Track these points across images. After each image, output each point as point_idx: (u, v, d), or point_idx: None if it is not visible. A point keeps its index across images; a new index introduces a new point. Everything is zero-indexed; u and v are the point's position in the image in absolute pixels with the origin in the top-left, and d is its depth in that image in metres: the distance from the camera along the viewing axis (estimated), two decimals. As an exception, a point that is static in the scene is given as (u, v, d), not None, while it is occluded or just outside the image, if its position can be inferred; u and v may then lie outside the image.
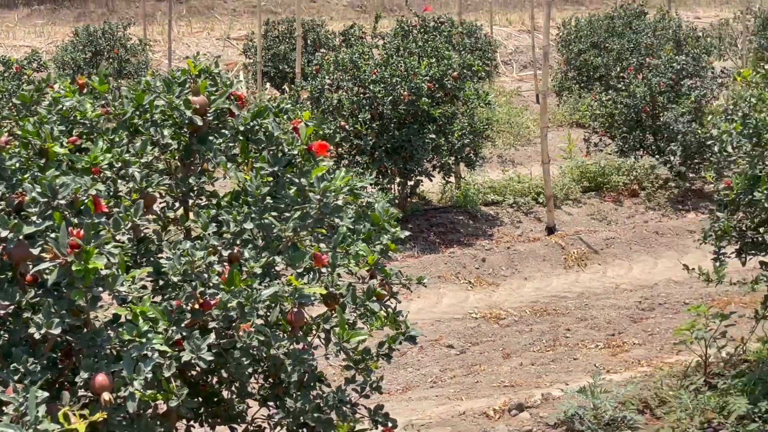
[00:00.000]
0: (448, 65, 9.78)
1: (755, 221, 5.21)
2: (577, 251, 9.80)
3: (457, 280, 9.05)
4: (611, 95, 11.81)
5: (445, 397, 6.36)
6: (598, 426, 5.27)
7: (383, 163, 9.61)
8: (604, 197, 11.45)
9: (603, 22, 16.40)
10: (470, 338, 7.65)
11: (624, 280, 9.16)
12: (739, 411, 5.07)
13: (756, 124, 5.15)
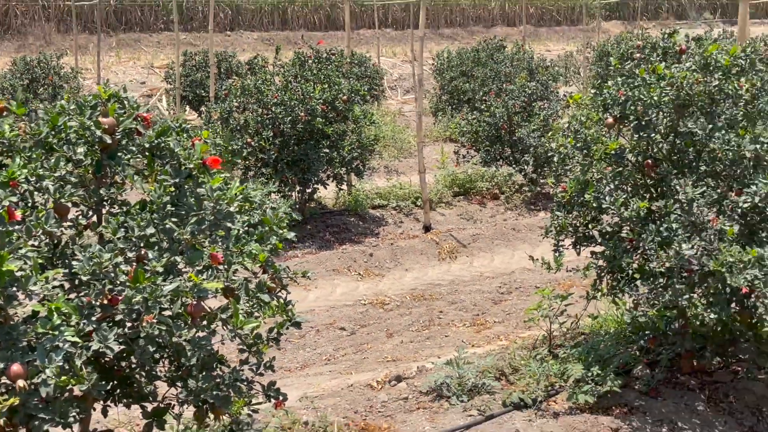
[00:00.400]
0: (338, 90, 9.82)
1: (586, 219, 5.35)
2: (449, 246, 9.90)
3: (348, 272, 9.05)
4: (476, 115, 12.00)
5: (338, 372, 6.37)
6: (462, 392, 5.34)
7: (285, 173, 9.60)
8: (471, 200, 11.62)
9: (470, 54, 16.72)
10: (359, 321, 7.67)
11: (487, 269, 9.29)
12: (575, 375, 5.20)
13: (585, 139, 5.27)
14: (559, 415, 5.02)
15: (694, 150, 5.07)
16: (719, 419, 5.06)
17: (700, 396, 5.24)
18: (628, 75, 5.26)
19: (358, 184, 11.19)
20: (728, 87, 5.05)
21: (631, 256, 4.94)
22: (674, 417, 5.01)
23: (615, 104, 5.18)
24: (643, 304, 5.14)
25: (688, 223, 4.66)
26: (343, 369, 6.46)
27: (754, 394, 5.29)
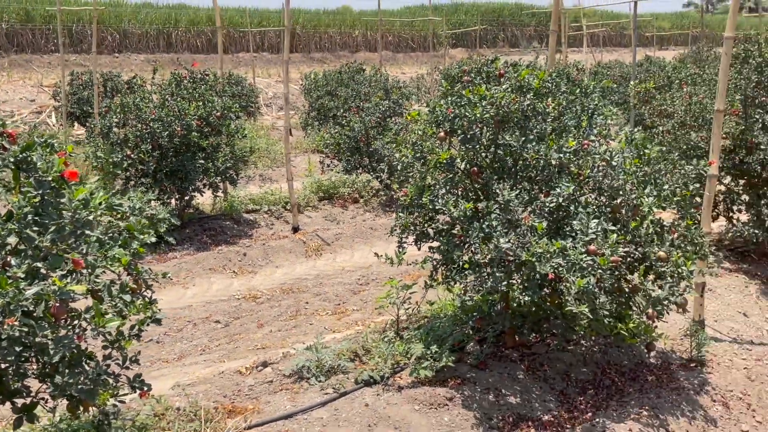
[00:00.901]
0: (212, 107, 9.68)
1: (425, 219, 5.44)
2: (315, 244, 9.91)
3: (224, 270, 8.93)
4: (338, 129, 12.06)
5: (211, 361, 6.26)
6: (320, 373, 5.35)
7: (163, 183, 9.38)
8: (334, 204, 11.67)
9: (334, 76, 16.76)
10: (233, 314, 7.58)
11: (348, 263, 9.35)
12: (417, 353, 5.29)
13: (422, 150, 5.38)
14: (402, 389, 5.09)
15: (512, 159, 5.24)
16: (536, 385, 5.26)
17: (521, 366, 5.43)
18: (456, 95, 5.41)
19: (233, 191, 11.04)
20: (538, 106, 5.27)
21: (461, 249, 5.07)
22: (499, 385, 5.18)
23: (445, 120, 5.31)
24: (470, 291, 5.30)
25: (506, 220, 4.83)
26: (216, 358, 6.36)
27: (563, 362, 5.53)
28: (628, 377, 5.50)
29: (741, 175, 7.65)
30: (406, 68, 35.09)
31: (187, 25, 33.81)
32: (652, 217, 5.04)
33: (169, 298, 8.04)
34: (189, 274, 8.73)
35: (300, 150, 16.47)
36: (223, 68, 11.54)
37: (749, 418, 5.28)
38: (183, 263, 8.90)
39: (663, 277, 4.89)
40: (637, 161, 5.15)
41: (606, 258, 4.53)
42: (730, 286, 7.12)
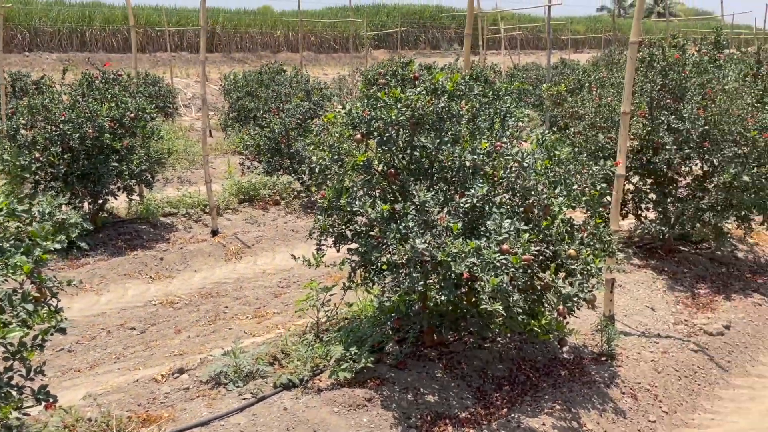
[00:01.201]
0: (125, 108, 9.45)
1: (343, 221, 5.44)
2: (235, 247, 9.81)
3: (140, 276, 8.74)
4: (258, 131, 11.94)
5: (126, 369, 6.13)
6: (238, 378, 5.28)
7: (75, 186, 9.11)
8: (255, 206, 11.55)
9: (255, 76, 16.59)
10: (149, 320, 7.43)
11: (269, 266, 9.28)
12: (336, 355, 5.28)
13: (339, 152, 5.38)
14: (322, 391, 5.08)
15: (428, 160, 5.29)
16: (454, 382, 5.32)
17: (439, 365, 5.47)
18: (372, 98, 5.43)
19: (149, 194, 10.80)
20: (452, 108, 5.33)
21: (379, 251, 5.09)
22: (418, 384, 5.22)
23: (362, 123, 5.32)
24: (388, 291, 5.32)
25: (422, 221, 4.87)
26: (131, 366, 6.22)
27: (480, 359, 5.61)
28: (542, 372, 5.61)
29: (648, 175, 7.90)
30: (328, 69, 35.01)
31: (102, 24, 32.90)
32: (562, 216, 5.16)
33: (82, 305, 7.83)
34: (103, 280, 8.50)
35: (220, 151, 16.26)
36: (138, 68, 11.30)
37: (656, 409, 5.47)
38: (97, 269, 8.67)
39: (573, 274, 5.01)
40: (547, 162, 5.27)
41: (518, 257, 4.62)
42: (639, 282, 7.34)
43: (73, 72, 16.25)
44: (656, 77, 7.54)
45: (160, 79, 20.62)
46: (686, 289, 7.37)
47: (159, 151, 10.48)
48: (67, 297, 7.97)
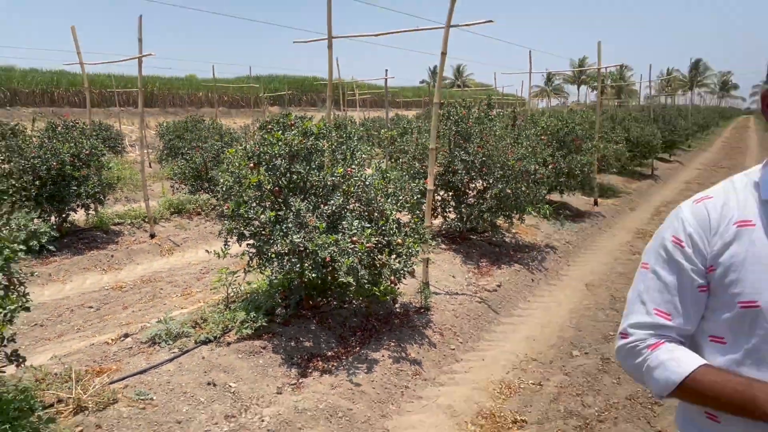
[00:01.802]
0: (82, 147, 8.77)
1: (242, 224, 5.29)
2: (168, 246, 9.34)
3: (95, 269, 8.15)
4: (184, 163, 11.41)
5: (85, 337, 5.70)
6: (169, 338, 5.04)
7: (44, 205, 8.35)
8: (183, 216, 11.03)
9: (182, 124, 15.87)
10: (103, 301, 6.94)
11: (194, 259, 8.90)
12: (241, 318, 5.14)
13: (239, 175, 5.25)
14: (230, 344, 4.93)
15: (302, 181, 5.26)
16: (323, 333, 5.31)
17: (313, 321, 5.45)
18: (262, 138, 5.34)
19: (102, 209, 10.08)
20: (318, 145, 5.34)
21: (268, 245, 4.99)
22: (298, 335, 5.17)
23: (254, 155, 5.23)
24: (276, 273, 5.23)
25: (298, 223, 4.85)
26: (89, 334, 5.78)
27: (341, 316, 5.62)
28: (383, 322, 5.70)
29: (449, 189, 8.20)
30: (237, 120, 34.05)
31: (67, 86, 30.50)
32: (393, 217, 5.29)
33: (51, 292, 7.21)
34: (67, 273, 7.85)
35: (157, 178, 15.43)
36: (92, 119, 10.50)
37: (455, 341, 5.68)
38: (62, 265, 7.99)
39: (400, 255, 5.14)
40: (382, 182, 5.38)
41: (363, 245, 4.69)
42: (445, 259, 7.56)
43: (44, 122, 15.01)
44: (452, 126, 7.86)
45: (111, 126, 19.40)
46: (474, 263, 7.68)
47: (110, 178, 9.81)
48: (38, 286, 7.33)
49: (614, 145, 12.77)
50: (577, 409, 4.46)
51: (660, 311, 1.40)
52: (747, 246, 1.34)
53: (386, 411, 4.42)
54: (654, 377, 1.36)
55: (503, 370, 5.18)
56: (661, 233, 1.46)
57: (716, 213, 1.39)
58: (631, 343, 1.43)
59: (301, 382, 4.63)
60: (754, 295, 1.32)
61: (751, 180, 1.42)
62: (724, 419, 1.36)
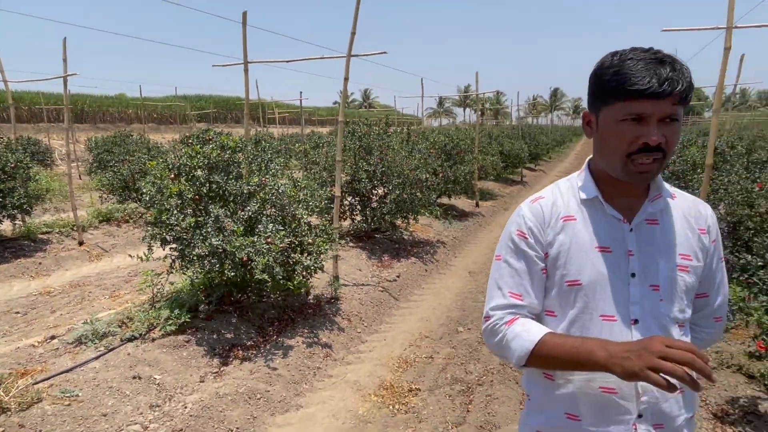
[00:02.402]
0: (6, 160, 7.89)
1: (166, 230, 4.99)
2: (96, 252, 8.60)
3: (23, 276, 7.33)
4: (112, 174, 10.59)
5: (12, 341, 5.11)
6: (95, 338, 4.65)
7: (-35, 216, 7.39)
8: (112, 224, 10.20)
9: (110, 139, 14.71)
10: (30, 306, 6.25)
11: (123, 264, 8.25)
12: (165, 316, 4.85)
13: (160, 186, 4.94)
14: (155, 340, 4.63)
15: (221, 190, 5.06)
16: (243, 325, 5.12)
17: (235, 315, 5.24)
18: (182, 151, 5.08)
19: (30, 219, 9.13)
20: (235, 158, 5.15)
21: (190, 248, 4.75)
22: (220, 328, 4.95)
23: (175, 167, 4.96)
24: (198, 273, 5.01)
25: (217, 228, 4.65)
26: (15, 338, 5.19)
27: (260, 309, 5.45)
28: (298, 312, 5.59)
29: (356, 195, 8.20)
30: (167, 135, 32.08)
31: (-6, 102, 27.40)
32: (305, 220, 5.22)
33: (-26, 300, 6.41)
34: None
35: (86, 189, 14.21)
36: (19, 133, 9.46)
37: (361, 325, 5.69)
38: (-14, 274, 7.15)
39: (311, 253, 5.09)
40: (294, 189, 5.29)
41: (277, 245, 4.58)
42: (353, 256, 7.53)
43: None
44: (356, 141, 7.88)
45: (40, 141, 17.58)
46: (378, 257, 7.74)
47: (37, 190, 8.87)
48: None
49: (491, 157, 13.41)
50: (461, 375, 4.61)
51: (513, 293, 1.45)
52: (571, 236, 1.44)
53: (300, 390, 4.34)
54: (512, 348, 1.38)
55: (401, 347, 5.26)
56: (508, 229, 1.53)
57: (548, 210, 1.48)
58: (492, 323, 1.45)
59: (222, 370, 4.44)
60: (577, 275, 1.41)
61: (573, 184, 1.53)
62: (557, 376, 1.46)
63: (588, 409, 1.41)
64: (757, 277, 3.52)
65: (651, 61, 1.28)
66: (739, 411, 3.70)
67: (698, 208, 1.51)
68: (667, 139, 1.30)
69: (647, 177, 1.34)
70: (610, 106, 1.33)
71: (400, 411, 4.06)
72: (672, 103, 1.27)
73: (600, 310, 1.39)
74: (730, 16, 4.57)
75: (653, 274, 1.39)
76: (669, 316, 1.39)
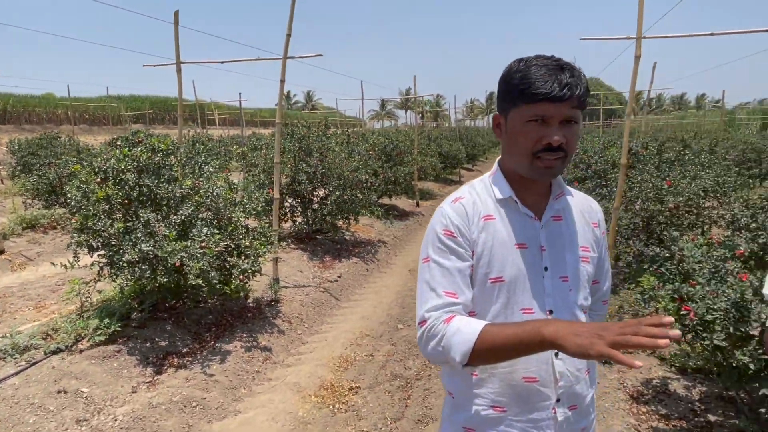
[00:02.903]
0: None
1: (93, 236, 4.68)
2: (19, 261, 7.95)
3: (-68, 289, 6.65)
4: (37, 178, 9.85)
5: None
6: (16, 352, 4.31)
7: None
8: (37, 231, 9.47)
9: (35, 141, 13.65)
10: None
11: (49, 273, 7.63)
12: (93, 326, 4.57)
13: (86, 191, 4.64)
14: (83, 351, 4.34)
15: (152, 193, 4.83)
16: (179, 332, 4.90)
17: (170, 321, 5.01)
18: (112, 152, 4.78)
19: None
20: (166, 160, 4.92)
21: (119, 254, 4.47)
22: (154, 336, 4.72)
23: (102, 171, 4.67)
24: (128, 280, 4.73)
25: (147, 233, 4.43)
26: None
27: (197, 314, 5.24)
28: (237, 317, 5.43)
29: (297, 197, 8.08)
30: (99, 137, 30.27)
31: None
32: (241, 223, 5.07)
33: None
34: None
35: (9, 194, 13.15)
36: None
37: (302, 326, 5.60)
38: None
39: (248, 256, 4.95)
40: (230, 192, 5.13)
41: (212, 249, 4.42)
42: (294, 257, 7.41)
43: None
44: (296, 143, 7.76)
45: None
46: (319, 258, 7.65)
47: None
48: None
49: (430, 158, 13.63)
50: (400, 371, 4.65)
51: (448, 292, 1.42)
52: (492, 234, 1.47)
53: (239, 395, 4.21)
54: (453, 344, 1.32)
55: (342, 347, 5.23)
56: (433, 229, 1.51)
57: (470, 209, 1.49)
58: (430, 325, 1.38)
59: (156, 379, 4.23)
60: (500, 272, 1.43)
61: (486, 184, 1.56)
62: (480, 370, 1.48)
63: (512, 399, 1.43)
64: (664, 267, 3.78)
65: (553, 67, 1.35)
66: (652, 391, 3.96)
67: (590, 204, 1.60)
68: (567, 139, 1.37)
69: (553, 173, 1.40)
70: (517, 109, 1.39)
71: (341, 410, 4.03)
72: (571, 106, 1.34)
73: (520, 304, 1.43)
74: (639, 27, 4.88)
75: (562, 267, 1.46)
76: (577, 304, 1.47)
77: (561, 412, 1.43)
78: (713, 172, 6.86)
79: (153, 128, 33.77)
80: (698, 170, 6.79)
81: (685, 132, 20.69)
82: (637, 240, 6.12)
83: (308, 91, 73.44)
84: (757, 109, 41.05)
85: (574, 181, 7.42)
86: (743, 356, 2.83)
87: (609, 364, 4.46)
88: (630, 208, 6.25)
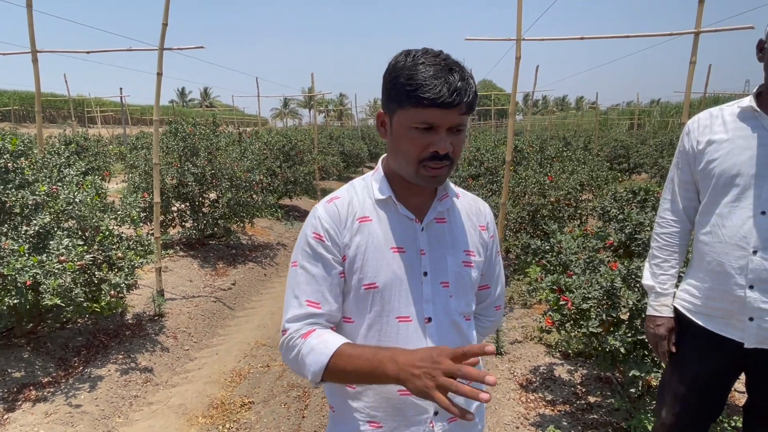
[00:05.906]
0: None
1: None
2: None
3: None
4: None
5: None
6: None
7: None
8: None
9: None
10: None
11: None
12: None
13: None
14: None
15: None
16: (39, 359, 4.28)
17: (27, 348, 4.36)
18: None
19: None
20: (16, 163, 4.27)
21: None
22: (6, 367, 4.05)
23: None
24: None
25: (-10, 248, 3.79)
26: None
27: (63, 337, 4.63)
28: (112, 336, 4.88)
29: (185, 201, 7.53)
30: None
31: None
32: (113, 232, 4.56)
33: None
34: None
35: None
36: None
37: (189, 341, 5.19)
38: None
39: (122, 269, 4.46)
40: (97, 198, 4.58)
41: (74, 263, 3.90)
42: (183, 266, 6.87)
43: None
44: (180, 142, 7.21)
45: None
46: (211, 265, 7.20)
47: None
48: None
49: (331, 157, 13.50)
50: (297, 381, 4.46)
51: (311, 301, 1.34)
52: (367, 237, 1.38)
53: (112, 425, 3.76)
54: (307, 363, 1.26)
55: (235, 359, 4.92)
56: (304, 231, 1.42)
57: (344, 210, 1.40)
58: (288, 337, 1.33)
59: (7, 417, 3.64)
60: (374, 277, 1.35)
61: (367, 184, 1.47)
62: (357, 385, 1.39)
63: (387, 414, 1.38)
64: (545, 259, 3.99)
65: (442, 68, 1.26)
66: (540, 378, 4.17)
67: (478, 206, 1.56)
68: (455, 147, 1.31)
69: (439, 180, 1.35)
70: (403, 111, 1.29)
71: (231, 430, 3.76)
72: (459, 113, 1.27)
73: (396, 312, 1.36)
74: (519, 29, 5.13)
75: (443, 272, 1.40)
76: (458, 311, 1.42)
77: (439, 427, 1.38)
78: (587, 167, 7.49)
79: (24, 127, 29.96)
80: (575, 166, 7.37)
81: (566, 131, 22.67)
82: (524, 233, 6.49)
83: (205, 88, 69.91)
84: (626, 110, 46.31)
85: (468, 178, 7.71)
86: (615, 341, 3.04)
87: (500, 354, 4.64)
88: (518, 203, 6.61)
